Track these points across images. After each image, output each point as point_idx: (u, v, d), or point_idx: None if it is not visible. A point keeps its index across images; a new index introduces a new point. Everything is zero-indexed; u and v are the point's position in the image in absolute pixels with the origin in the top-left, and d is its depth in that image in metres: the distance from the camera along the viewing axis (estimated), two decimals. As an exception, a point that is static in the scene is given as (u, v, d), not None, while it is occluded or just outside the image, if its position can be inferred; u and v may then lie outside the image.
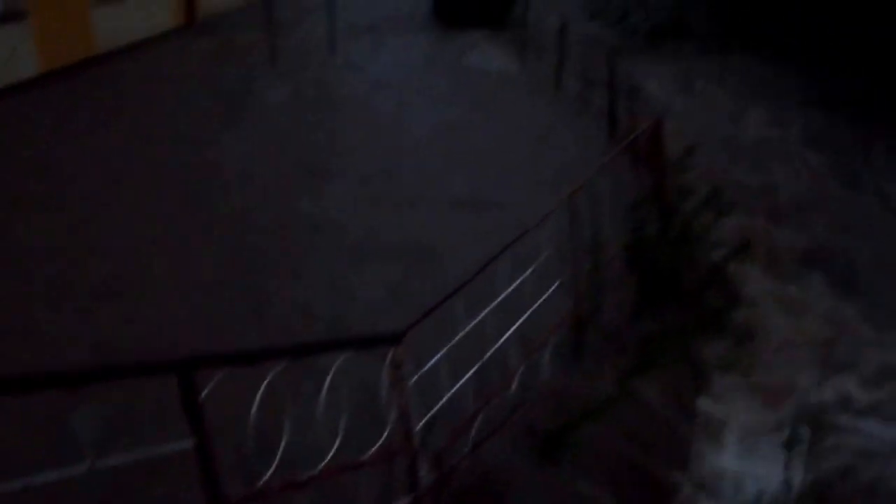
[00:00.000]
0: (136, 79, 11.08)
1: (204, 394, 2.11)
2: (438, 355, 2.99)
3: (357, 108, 9.50)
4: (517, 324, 3.56)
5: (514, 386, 3.48)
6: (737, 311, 5.30)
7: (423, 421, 2.89)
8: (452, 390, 3.04)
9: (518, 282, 3.55)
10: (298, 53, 12.61)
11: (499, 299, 3.34)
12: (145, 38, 13.36)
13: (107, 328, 4.30)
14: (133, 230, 5.67)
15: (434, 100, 9.98)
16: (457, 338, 3.04)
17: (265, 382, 2.40)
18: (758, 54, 14.10)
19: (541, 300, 3.78)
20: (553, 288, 3.96)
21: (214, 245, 5.43)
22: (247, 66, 11.70)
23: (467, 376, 3.14)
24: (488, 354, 3.29)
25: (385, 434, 2.80)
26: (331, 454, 2.64)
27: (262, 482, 2.43)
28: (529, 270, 3.65)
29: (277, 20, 11.91)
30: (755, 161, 9.02)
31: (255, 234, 5.61)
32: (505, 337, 3.46)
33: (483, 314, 3.23)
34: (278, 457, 2.53)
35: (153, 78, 11.10)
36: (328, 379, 2.58)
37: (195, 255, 5.25)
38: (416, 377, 2.80)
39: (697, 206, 5.42)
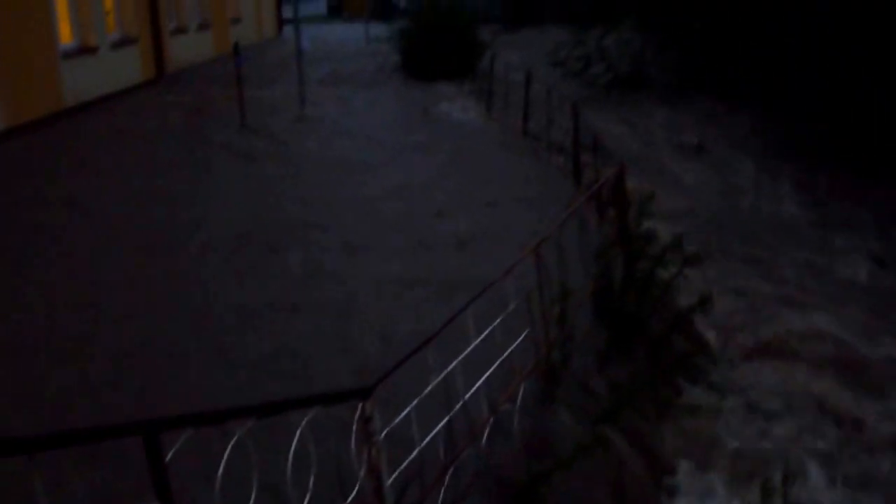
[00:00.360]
0: (106, 133, 11.06)
1: (169, 456, 2.09)
2: (407, 409, 3.00)
3: (327, 162, 9.54)
4: (486, 375, 3.58)
5: (484, 437, 3.49)
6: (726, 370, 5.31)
7: (393, 476, 2.88)
8: (421, 445, 3.04)
9: (487, 332, 3.58)
10: (268, 107, 12.72)
11: (467, 351, 3.37)
12: (115, 92, 13.41)
13: (77, 392, 4.21)
14: (107, 290, 5.57)
15: (407, 152, 10.08)
16: (425, 391, 3.06)
17: (232, 442, 2.38)
18: (725, 104, 14.53)
19: (509, 350, 3.82)
20: (522, 337, 4.00)
21: (192, 306, 5.34)
22: (217, 120, 11.77)
23: (436, 430, 3.15)
24: (457, 407, 3.31)
25: (355, 491, 2.78)
26: (300, 513, 2.61)
27: (229, 544, 2.40)
28: (498, 320, 3.69)
29: (246, 74, 12.03)
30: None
31: (234, 292, 5.54)
32: (475, 388, 3.48)
33: (451, 366, 3.25)
34: (246, 517, 2.50)
35: (123, 133, 11.09)
36: (296, 436, 2.57)
37: (172, 317, 5.14)
38: (385, 431, 2.80)
39: (661, 253, 5.53)
